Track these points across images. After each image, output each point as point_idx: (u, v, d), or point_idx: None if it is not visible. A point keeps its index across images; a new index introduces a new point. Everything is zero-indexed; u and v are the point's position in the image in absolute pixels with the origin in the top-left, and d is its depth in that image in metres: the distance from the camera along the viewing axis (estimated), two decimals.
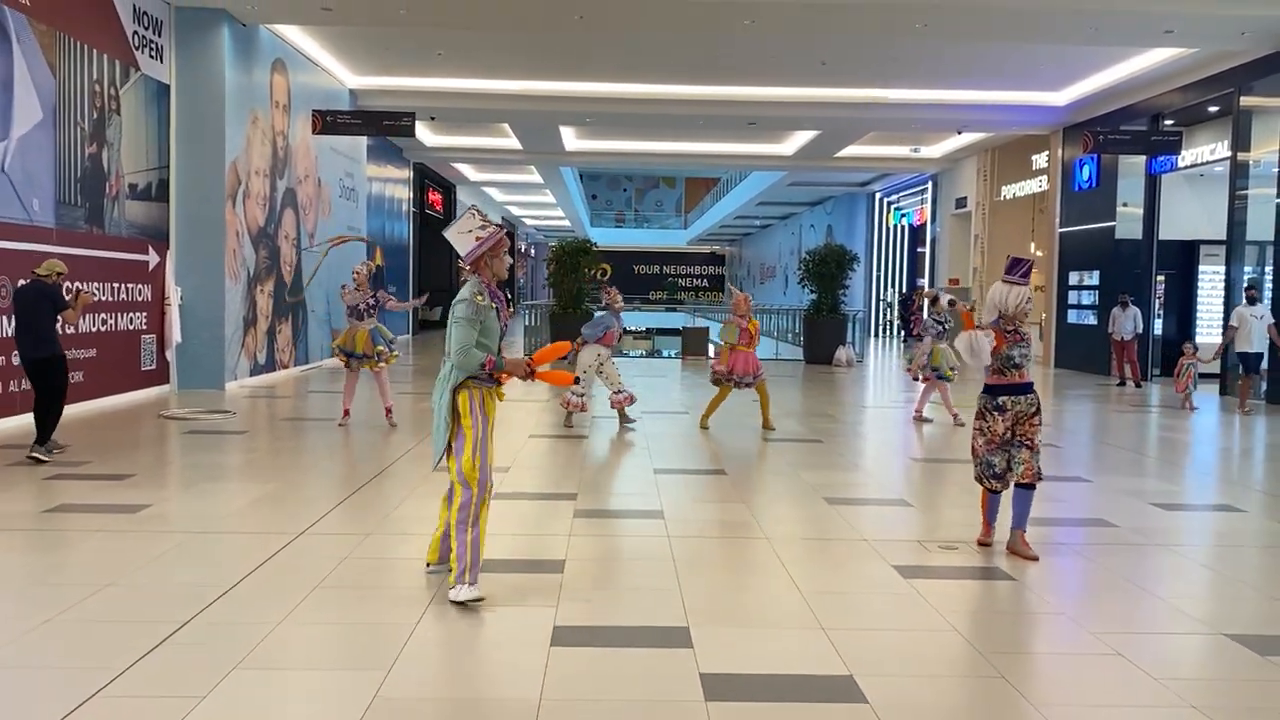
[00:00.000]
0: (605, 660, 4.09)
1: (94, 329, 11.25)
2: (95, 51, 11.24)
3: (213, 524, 6.15)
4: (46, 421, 8.11)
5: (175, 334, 12.92)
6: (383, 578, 5.16)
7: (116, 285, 11.72)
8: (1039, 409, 5.68)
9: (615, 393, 10.49)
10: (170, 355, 12.99)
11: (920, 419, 11.40)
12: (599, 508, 5.59)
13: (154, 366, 12.67)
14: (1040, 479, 5.62)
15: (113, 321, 11.66)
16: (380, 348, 10.26)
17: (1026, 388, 5.64)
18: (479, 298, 4.77)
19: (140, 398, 12.15)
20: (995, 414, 5.65)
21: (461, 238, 4.85)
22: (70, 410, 10.66)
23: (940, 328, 11.32)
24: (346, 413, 10.36)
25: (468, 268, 4.89)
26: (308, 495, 7.05)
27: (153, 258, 12.57)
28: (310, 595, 4.73)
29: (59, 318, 8.21)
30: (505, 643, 4.24)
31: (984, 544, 5.85)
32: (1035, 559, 5.43)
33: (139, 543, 5.63)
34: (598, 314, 10.47)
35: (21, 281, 8.98)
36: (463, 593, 4.67)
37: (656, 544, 5.76)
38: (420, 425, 10.43)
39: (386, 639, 4.17)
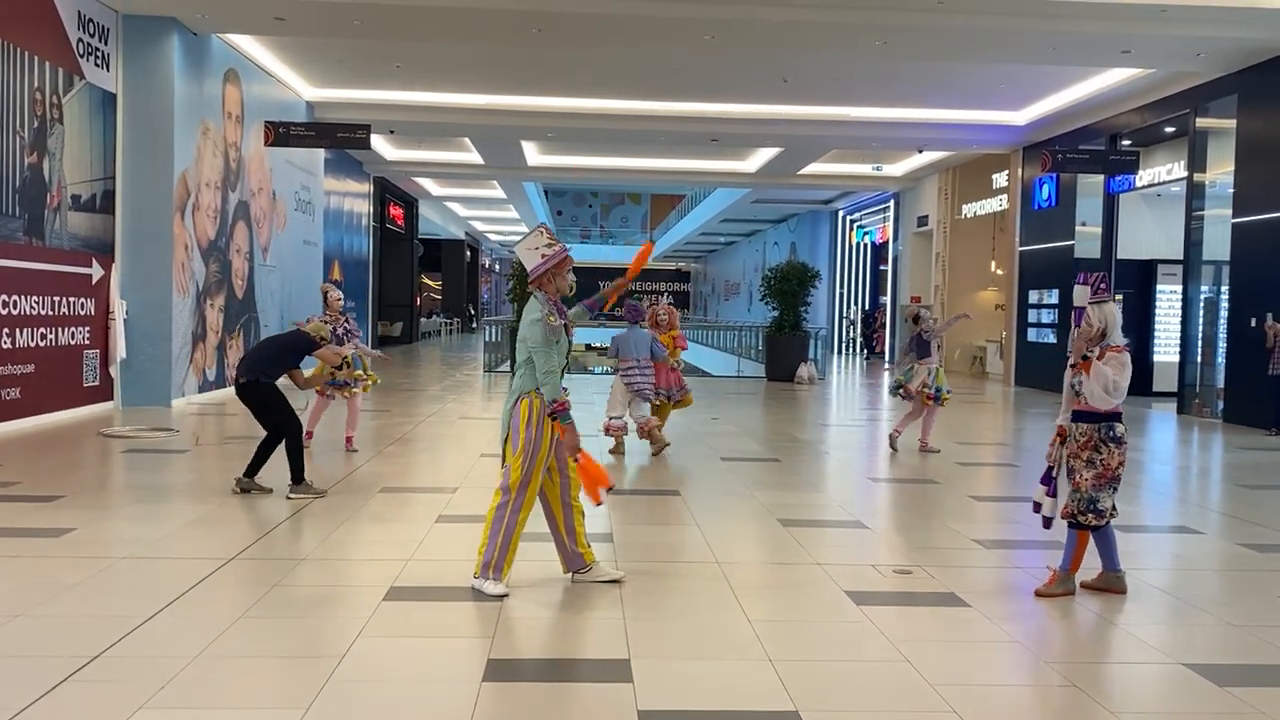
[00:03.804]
0: (539, 696, 3.88)
1: (33, 344, 10.90)
2: (37, 59, 10.92)
3: (140, 548, 5.87)
4: (290, 459, 7.44)
5: (120, 349, 12.56)
6: (312, 608, 4.92)
7: (58, 299, 11.37)
8: (1094, 442, 5.15)
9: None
10: (114, 371, 12.63)
11: (926, 449, 10.40)
12: (545, 531, 5.38)
13: (97, 383, 12.30)
14: (1074, 523, 5.20)
15: (53, 336, 11.30)
16: (358, 373, 9.86)
17: (1078, 415, 5.22)
18: (552, 319, 5.00)
19: (82, 415, 11.78)
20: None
21: (528, 254, 5.11)
22: (6, 428, 10.33)
23: (927, 345, 10.41)
24: (310, 434, 9.74)
25: (532, 283, 5.12)
26: (245, 517, 6.78)
27: (96, 271, 12.22)
28: (233, 626, 4.48)
29: (293, 370, 7.73)
30: (434, 678, 4.02)
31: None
32: (1037, 593, 5.26)
33: (57, 569, 5.35)
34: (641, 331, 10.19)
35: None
36: (487, 586, 4.98)
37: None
38: (375, 445, 10.17)
39: (309, 674, 3.94)
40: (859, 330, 32.10)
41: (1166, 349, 18.20)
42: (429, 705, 3.72)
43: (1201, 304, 15.74)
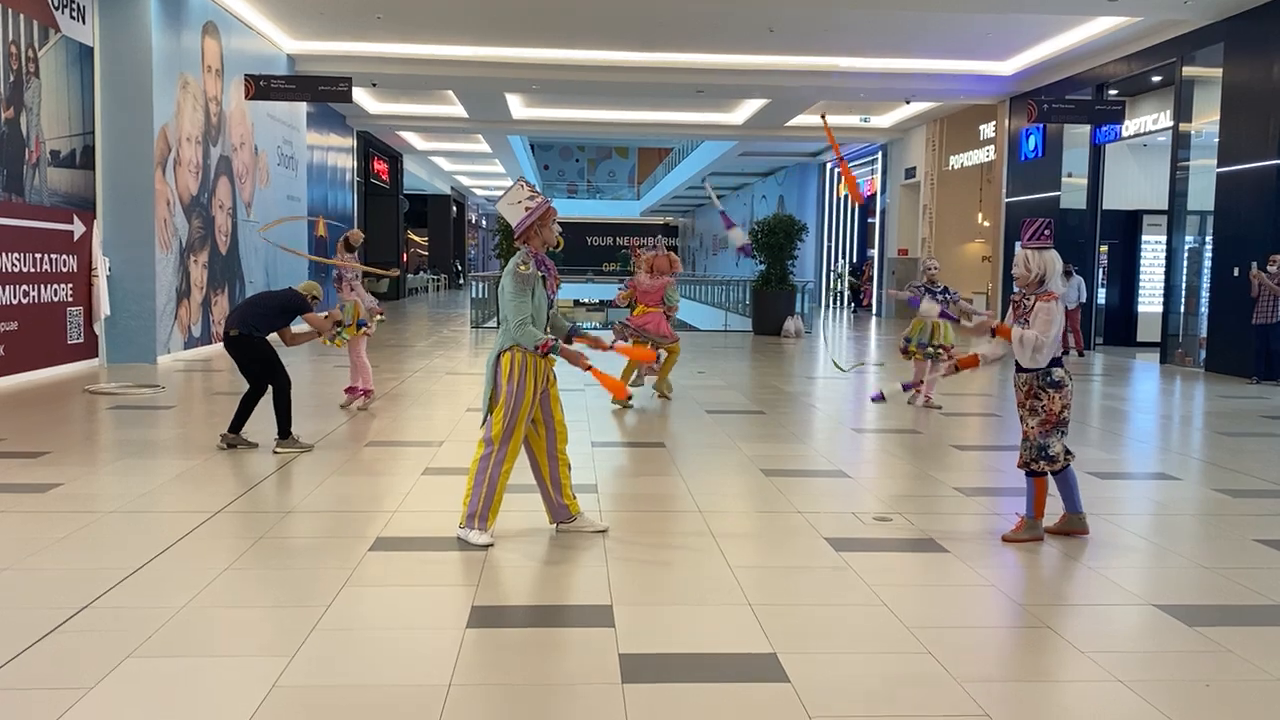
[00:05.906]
0: (523, 641, 3.95)
1: (15, 301, 10.84)
2: (10, 11, 10.76)
3: (126, 503, 5.91)
4: (278, 413, 7.47)
5: (103, 306, 12.51)
6: (298, 559, 4.97)
7: (39, 255, 11.30)
8: (1034, 390, 5.28)
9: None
10: (98, 328, 12.58)
11: (930, 405, 10.40)
12: (530, 483, 5.44)
13: (81, 340, 12.27)
14: (1029, 471, 5.31)
15: (35, 294, 11.25)
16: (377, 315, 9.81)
17: (1018, 365, 5.33)
18: (523, 267, 4.95)
19: (67, 372, 11.76)
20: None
21: (511, 209, 5.06)
22: None
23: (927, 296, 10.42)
24: (370, 392, 9.63)
25: (519, 238, 5.09)
26: (231, 471, 6.81)
27: (78, 227, 12.14)
28: (219, 578, 4.53)
29: (282, 328, 7.64)
30: (419, 625, 4.08)
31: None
32: (1004, 539, 5.35)
33: (43, 523, 5.38)
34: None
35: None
36: (472, 535, 5.03)
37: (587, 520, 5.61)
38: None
39: (294, 623, 3.99)
40: (846, 284, 32.11)
41: (1151, 299, 18.28)
42: (414, 651, 3.79)
43: (1185, 254, 15.80)
